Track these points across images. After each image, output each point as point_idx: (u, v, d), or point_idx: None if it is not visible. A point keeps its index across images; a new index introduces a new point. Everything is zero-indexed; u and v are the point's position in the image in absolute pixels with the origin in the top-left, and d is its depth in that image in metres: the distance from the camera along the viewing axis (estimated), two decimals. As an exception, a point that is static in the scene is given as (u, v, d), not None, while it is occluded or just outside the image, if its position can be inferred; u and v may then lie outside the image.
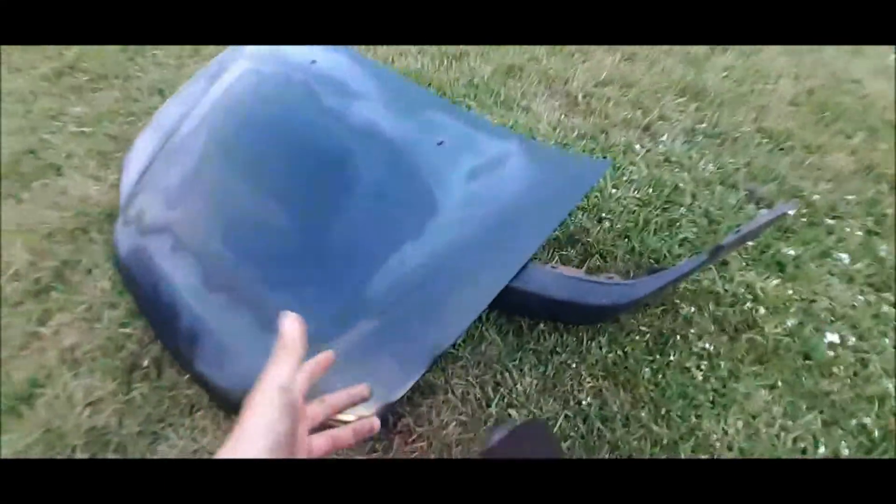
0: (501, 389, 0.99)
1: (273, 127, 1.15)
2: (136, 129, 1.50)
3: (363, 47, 1.86)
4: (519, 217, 0.95)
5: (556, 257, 1.20)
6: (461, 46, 1.87)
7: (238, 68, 1.33)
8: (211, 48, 1.85)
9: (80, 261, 1.19)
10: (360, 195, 1.01)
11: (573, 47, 1.88)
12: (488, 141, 1.09)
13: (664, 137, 1.53)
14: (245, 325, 0.90)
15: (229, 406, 0.91)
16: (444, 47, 1.87)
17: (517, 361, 1.03)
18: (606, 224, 1.27)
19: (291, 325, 0.40)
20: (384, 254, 0.93)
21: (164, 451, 0.90)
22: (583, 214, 1.28)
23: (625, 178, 1.38)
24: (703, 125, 1.58)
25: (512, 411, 0.97)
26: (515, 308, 1.04)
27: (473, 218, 0.96)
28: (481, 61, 1.83)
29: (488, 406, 0.97)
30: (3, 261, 1.18)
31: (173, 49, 1.87)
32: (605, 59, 1.84)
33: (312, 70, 1.25)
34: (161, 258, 1.03)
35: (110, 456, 0.90)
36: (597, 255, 1.20)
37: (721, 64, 1.87)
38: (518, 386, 0.99)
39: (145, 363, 1.01)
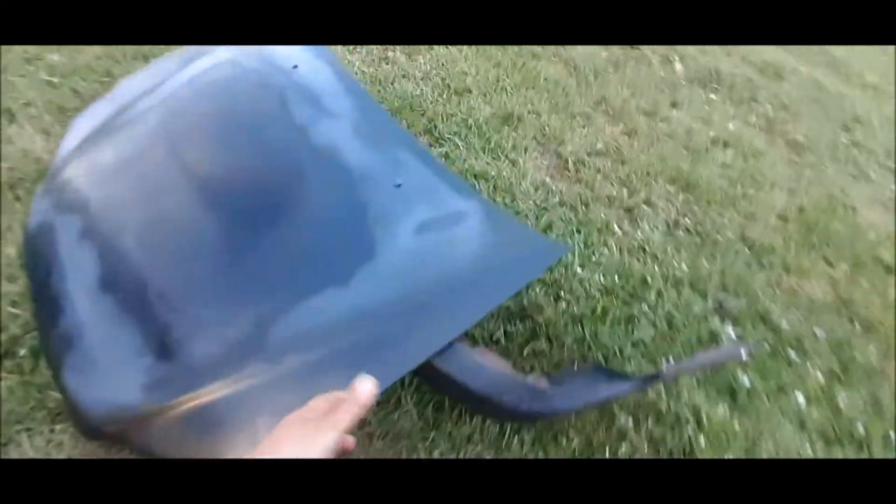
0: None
1: (229, 126, 1.07)
2: (106, 90, 1.42)
3: (366, 61, 1.80)
4: (458, 287, 0.87)
5: (500, 330, 1.11)
6: (466, 82, 1.82)
7: (218, 55, 1.25)
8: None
9: (-4, 221, 1.08)
10: (298, 222, 0.93)
11: (577, 112, 1.84)
12: (449, 195, 1.01)
13: (645, 224, 1.47)
14: (127, 343, 0.80)
15: (82, 428, 0.79)
16: (448, 80, 1.81)
17: (428, 441, 0.93)
18: (563, 305, 1.19)
19: (367, 388, 0.43)
20: (304, 293, 0.85)
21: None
22: (540, 289, 1.20)
23: (594, 259, 1.31)
24: (687, 220, 1.53)
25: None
26: (433, 383, 0.95)
27: (409, 275, 0.88)
28: (482, 102, 1.77)
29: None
30: None
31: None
32: (605, 128, 1.79)
33: (291, 75, 1.18)
34: (65, 242, 0.93)
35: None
36: (543, 338, 1.11)
37: (719, 159, 1.83)
38: (419, 471, 0.88)
39: (21, 352, 0.90)
